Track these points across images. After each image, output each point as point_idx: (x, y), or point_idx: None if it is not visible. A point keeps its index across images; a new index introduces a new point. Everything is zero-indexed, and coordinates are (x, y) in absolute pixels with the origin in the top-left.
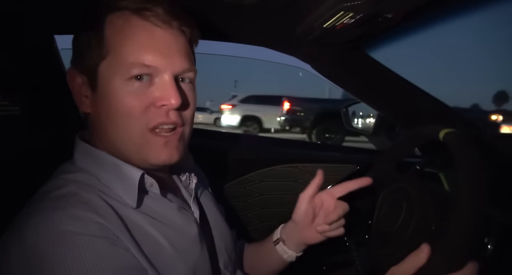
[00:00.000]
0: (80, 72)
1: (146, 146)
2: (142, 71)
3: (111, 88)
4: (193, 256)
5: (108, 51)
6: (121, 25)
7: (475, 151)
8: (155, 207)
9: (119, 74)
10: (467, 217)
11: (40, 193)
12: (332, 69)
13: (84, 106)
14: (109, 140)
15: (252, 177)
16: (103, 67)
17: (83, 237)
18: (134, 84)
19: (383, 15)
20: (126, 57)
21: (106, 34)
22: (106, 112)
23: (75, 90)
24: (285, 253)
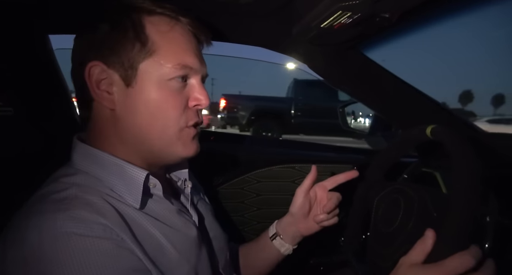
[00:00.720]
0: (110, 67)
1: (178, 140)
2: (184, 72)
3: (153, 86)
4: (194, 258)
5: (154, 50)
6: (165, 28)
7: (464, 139)
8: (157, 209)
9: (164, 73)
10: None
11: (39, 196)
12: (328, 69)
13: (108, 102)
14: (139, 136)
15: (249, 178)
16: (146, 65)
17: (87, 239)
18: (175, 84)
19: (380, 15)
20: (172, 58)
21: (150, 35)
22: (144, 109)
23: (96, 84)
24: (282, 247)
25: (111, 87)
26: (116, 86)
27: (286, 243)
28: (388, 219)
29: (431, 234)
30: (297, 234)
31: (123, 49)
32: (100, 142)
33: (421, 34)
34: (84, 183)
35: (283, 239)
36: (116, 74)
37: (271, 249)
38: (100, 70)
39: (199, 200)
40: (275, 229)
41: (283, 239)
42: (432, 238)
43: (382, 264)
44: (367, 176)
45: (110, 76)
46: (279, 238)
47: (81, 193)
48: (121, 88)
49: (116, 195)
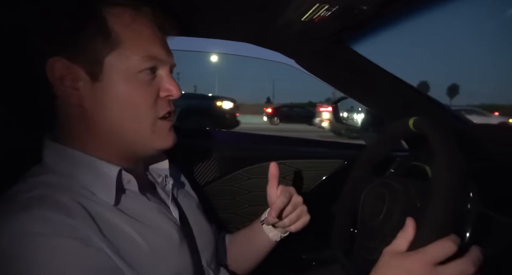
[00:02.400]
0: (74, 62)
1: (155, 133)
2: (152, 64)
3: (122, 80)
4: (173, 255)
5: (119, 43)
6: (128, 20)
7: (445, 128)
8: (132, 206)
9: (131, 66)
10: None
11: (6, 196)
12: (316, 64)
13: (75, 98)
14: (111, 131)
15: (240, 175)
16: (112, 59)
17: (52, 238)
18: (144, 76)
19: (358, 7)
20: (139, 50)
21: (113, 27)
22: (114, 103)
23: (59, 81)
24: (270, 232)
25: (76, 83)
26: (82, 81)
27: (274, 229)
28: (374, 212)
29: (412, 222)
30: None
31: (86, 43)
32: (71, 140)
33: (411, 25)
34: (53, 182)
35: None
36: (81, 69)
37: (260, 234)
38: (62, 65)
39: (182, 196)
40: (266, 214)
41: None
42: (413, 227)
43: (370, 257)
44: (353, 173)
45: (75, 71)
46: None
47: (48, 193)
48: (88, 83)
49: (87, 193)
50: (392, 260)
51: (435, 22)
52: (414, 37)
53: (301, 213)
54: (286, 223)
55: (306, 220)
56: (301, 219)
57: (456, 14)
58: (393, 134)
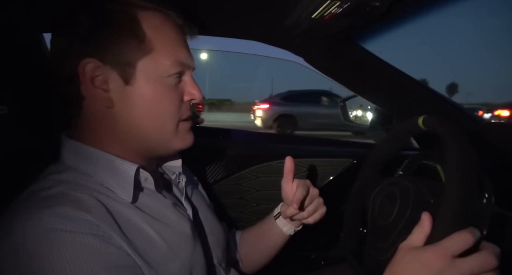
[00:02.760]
0: (107, 64)
1: (176, 135)
2: (180, 69)
3: (152, 84)
4: (187, 252)
5: (152, 48)
6: (159, 25)
7: (457, 125)
8: (149, 203)
9: (162, 70)
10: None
11: (26, 194)
12: (324, 61)
13: (104, 99)
14: (135, 132)
15: (248, 173)
16: (145, 62)
17: (73, 235)
18: (172, 81)
19: (370, 4)
20: (169, 55)
21: (146, 31)
22: (142, 106)
23: (90, 82)
24: (284, 226)
25: (107, 85)
26: (113, 84)
27: (288, 223)
28: (385, 212)
29: (428, 216)
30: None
31: (120, 46)
32: (90, 138)
33: (418, 24)
34: (72, 180)
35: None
36: (113, 72)
37: (274, 229)
38: (94, 67)
39: (194, 194)
40: (279, 209)
41: (286, 220)
42: (429, 220)
43: (381, 257)
44: (362, 172)
45: (106, 74)
46: (281, 218)
47: (69, 190)
48: (119, 85)
49: (106, 191)
50: (408, 254)
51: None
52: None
53: (318, 205)
54: (304, 215)
55: (323, 211)
56: (318, 211)
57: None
58: (402, 133)
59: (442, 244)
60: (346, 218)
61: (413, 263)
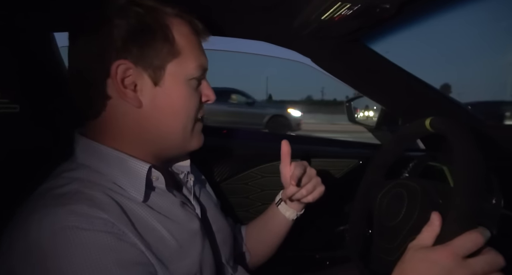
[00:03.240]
0: (138, 66)
1: (192, 133)
2: (202, 72)
3: (178, 86)
4: (197, 251)
5: (180, 52)
6: (186, 31)
7: (465, 127)
8: (160, 202)
9: (187, 73)
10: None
11: (41, 191)
12: (331, 62)
13: (133, 100)
14: (157, 133)
15: (253, 173)
16: (173, 66)
17: (88, 232)
18: (194, 83)
19: (380, 6)
20: (194, 59)
21: (175, 36)
22: (169, 108)
23: (121, 83)
24: (287, 211)
25: (135, 86)
26: (143, 85)
27: (290, 208)
28: (392, 213)
29: (437, 216)
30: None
31: (153, 50)
32: (106, 137)
33: (425, 25)
34: (86, 178)
35: (287, 204)
36: (144, 73)
37: (277, 215)
38: (125, 68)
39: (202, 193)
40: (280, 195)
41: (287, 204)
42: (439, 220)
43: (388, 257)
44: (368, 173)
45: (137, 75)
46: (283, 203)
47: (82, 188)
48: (149, 87)
49: (118, 189)
50: (418, 253)
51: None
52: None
53: (316, 183)
54: (303, 193)
55: (322, 190)
56: (317, 189)
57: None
58: (409, 134)
59: (453, 244)
60: (352, 218)
61: (423, 263)
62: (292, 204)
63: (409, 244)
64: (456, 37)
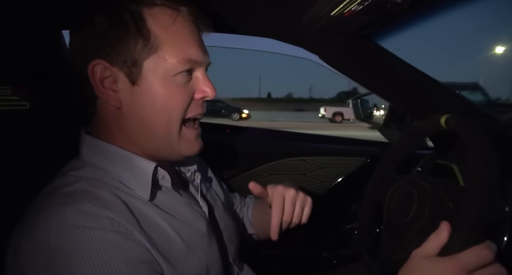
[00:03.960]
0: (114, 65)
1: (181, 138)
2: (189, 67)
3: (159, 83)
4: (203, 250)
5: (158, 46)
6: (167, 21)
7: (481, 127)
8: (166, 201)
9: (169, 69)
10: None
11: (48, 190)
12: (340, 59)
13: (114, 100)
14: (145, 133)
15: (260, 171)
16: (151, 61)
17: (95, 231)
18: (181, 79)
19: (391, 1)
20: (177, 53)
21: (152, 29)
22: (150, 106)
23: (100, 83)
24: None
25: (116, 85)
26: (121, 84)
27: None
28: (402, 211)
29: (446, 226)
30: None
31: (126, 46)
32: (107, 136)
33: (436, 21)
34: (92, 177)
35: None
36: (120, 72)
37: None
38: (103, 68)
39: (209, 191)
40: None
41: None
42: (447, 231)
43: (395, 256)
44: (378, 171)
45: (114, 74)
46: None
47: (89, 187)
48: (127, 86)
49: (124, 188)
50: (423, 265)
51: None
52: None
53: (302, 203)
54: (296, 222)
55: (310, 203)
56: (305, 210)
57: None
58: (421, 132)
59: (461, 258)
60: (361, 215)
61: (429, 274)
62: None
63: (414, 251)
64: (470, 34)
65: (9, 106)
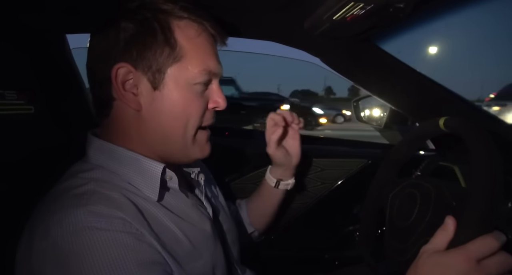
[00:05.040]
0: (138, 69)
1: (195, 143)
2: (208, 78)
3: (179, 90)
4: (209, 251)
5: (182, 56)
6: (193, 34)
7: (481, 128)
8: (173, 202)
9: (190, 78)
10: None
11: (57, 191)
12: (342, 62)
13: (134, 103)
14: (160, 137)
15: (262, 173)
16: (174, 70)
17: (108, 233)
18: (199, 88)
19: (394, 5)
20: (199, 63)
21: (179, 39)
22: (169, 112)
23: (122, 86)
24: (287, 185)
25: (137, 89)
26: (143, 88)
27: (289, 180)
28: (404, 213)
29: (452, 220)
30: (291, 166)
31: (152, 53)
32: (118, 137)
33: (438, 25)
34: (101, 178)
35: (284, 180)
36: (143, 77)
37: (278, 193)
38: (126, 71)
39: (212, 193)
40: (272, 178)
41: (285, 180)
42: (453, 225)
43: (401, 258)
44: (379, 174)
45: (137, 78)
46: (282, 182)
47: (99, 188)
48: (148, 90)
49: (133, 189)
50: (432, 258)
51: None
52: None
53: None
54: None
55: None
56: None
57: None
58: (421, 134)
59: (467, 248)
60: (363, 217)
61: (438, 267)
62: (288, 176)
63: (422, 248)
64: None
65: (15, 110)
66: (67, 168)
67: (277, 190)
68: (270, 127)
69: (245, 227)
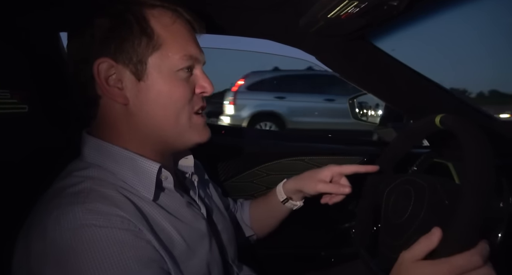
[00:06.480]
0: (119, 63)
1: (192, 127)
2: (190, 63)
3: (163, 78)
4: (204, 251)
5: (161, 44)
6: (168, 21)
7: (476, 126)
8: (168, 202)
9: (172, 65)
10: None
11: (53, 190)
12: (337, 60)
13: (120, 98)
14: (153, 128)
15: (258, 171)
16: (155, 58)
17: (106, 230)
18: (183, 74)
19: (388, 3)
20: (178, 49)
21: (155, 28)
22: (157, 101)
23: (105, 81)
24: (294, 206)
25: (121, 83)
26: (127, 81)
27: (297, 202)
28: (399, 210)
29: (438, 232)
30: (305, 194)
31: (131, 44)
32: (110, 136)
33: (431, 22)
34: (97, 176)
35: (293, 200)
36: (126, 70)
37: (283, 209)
38: (108, 66)
39: (206, 193)
40: (283, 194)
41: (294, 200)
42: (438, 237)
43: (394, 255)
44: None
45: (119, 72)
46: (290, 201)
47: (95, 186)
48: (133, 83)
49: (129, 188)
50: (414, 267)
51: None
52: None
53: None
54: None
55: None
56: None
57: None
58: (417, 131)
59: (452, 263)
60: (359, 214)
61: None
62: (298, 199)
63: (402, 253)
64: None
65: (8, 109)
66: (64, 167)
67: (283, 206)
68: (338, 192)
69: (244, 227)
